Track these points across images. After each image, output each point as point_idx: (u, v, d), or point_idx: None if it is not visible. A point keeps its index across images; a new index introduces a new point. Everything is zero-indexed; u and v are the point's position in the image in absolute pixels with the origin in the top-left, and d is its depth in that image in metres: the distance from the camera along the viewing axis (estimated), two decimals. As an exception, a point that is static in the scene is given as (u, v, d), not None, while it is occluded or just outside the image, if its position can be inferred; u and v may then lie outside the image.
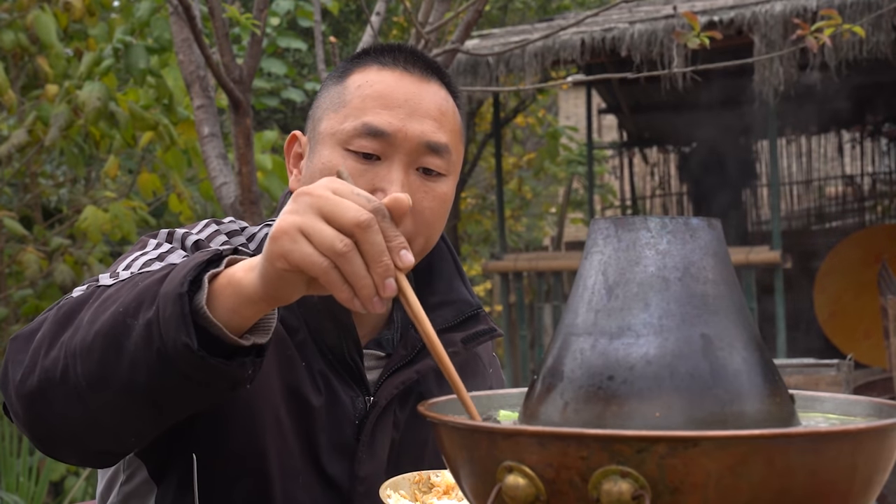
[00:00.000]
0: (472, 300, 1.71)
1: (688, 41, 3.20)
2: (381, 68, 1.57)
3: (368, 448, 1.61)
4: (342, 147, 1.53)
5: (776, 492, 0.91)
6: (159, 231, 1.60)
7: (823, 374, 4.80)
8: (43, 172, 7.27)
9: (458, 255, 1.70)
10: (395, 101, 1.54)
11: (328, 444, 1.59)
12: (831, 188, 12.09)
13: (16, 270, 6.19)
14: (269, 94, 7.95)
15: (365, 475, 1.61)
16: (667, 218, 1.04)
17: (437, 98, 1.57)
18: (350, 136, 1.53)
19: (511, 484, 0.94)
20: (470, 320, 1.70)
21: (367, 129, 1.52)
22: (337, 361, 1.60)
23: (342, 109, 1.56)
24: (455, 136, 1.59)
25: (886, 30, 6.69)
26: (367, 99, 1.54)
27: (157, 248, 1.53)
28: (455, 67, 7.42)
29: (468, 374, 1.73)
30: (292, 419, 1.56)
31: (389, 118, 1.53)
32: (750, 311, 1.08)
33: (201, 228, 1.61)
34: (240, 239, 1.62)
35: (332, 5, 6.55)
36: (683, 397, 0.97)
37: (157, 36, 5.06)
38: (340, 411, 1.60)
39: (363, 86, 1.56)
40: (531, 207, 13.85)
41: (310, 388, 1.57)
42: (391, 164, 1.53)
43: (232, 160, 4.08)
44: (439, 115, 1.56)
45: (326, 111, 1.58)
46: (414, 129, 1.53)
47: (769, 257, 7.55)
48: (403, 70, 1.57)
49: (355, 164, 1.52)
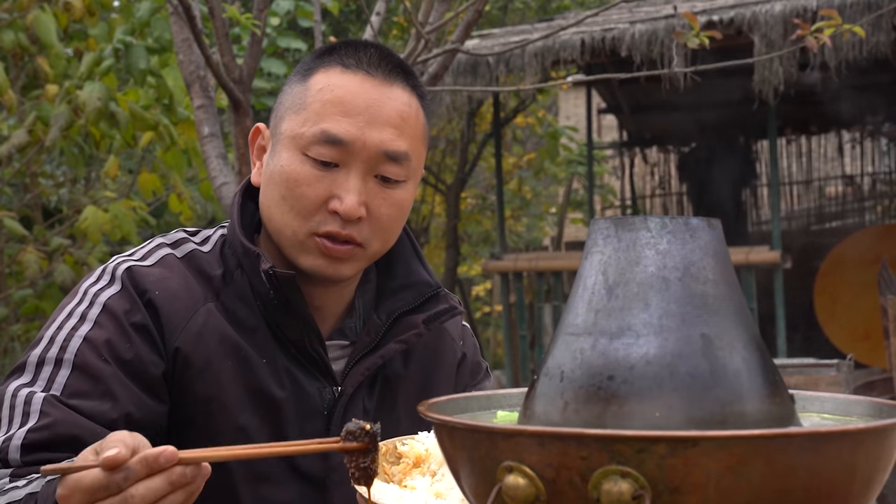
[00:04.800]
0: (432, 280, 1.72)
1: (688, 41, 3.21)
2: (343, 70, 1.56)
3: None
4: (301, 152, 1.54)
5: (776, 492, 0.91)
6: (95, 269, 1.61)
7: (823, 374, 4.80)
8: (43, 172, 7.27)
9: (417, 241, 1.73)
10: (355, 109, 1.53)
11: (298, 438, 1.59)
12: (831, 188, 12.09)
13: (16, 270, 6.19)
14: (269, 94, 7.95)
15: (338, 464, 1.61)
16: (667, 218, 1.04)
17: (397, 104, 1.56)
18: (309, 142, 1.53)
19: (511, 484, 0.94)
20: (430, 301, 1.71)
21: (325, 137, 1.52)
22: (300, 355, 1.61)
23: (302, 112, 1.55)
24: (416, 140, 1.59)
25: (886, 30, 6.69)
26: (327, 104, 1.54)
27: (86, 295, 1.55)
28: (455, 67, 7.43)
29: (433, 352, 1.76)
30: (259, 419, 1.57)
31: (348, 126, 1.52)
32: (750, 311, 1.08)
33: (145, 247, 1.63)
34: (188, 246, 1.63)
35: (332, 5, 6.55)
36: (683, 397, 0.97)
37: (158, 36, 5.06)
38: (308, 403, 1.61)
39: (324, 89, 1.55)
40: (531, 207, 13.85)
41: (273, 383, 1.58)
42: (349, 172, 1.53)
43: (232, 160, 4.08)
44: (400, 122, 1.55)
45: (288, 111, 1.58)
46: (373, 137, 1.53)
47: (769, 257, 7.56)
48: (366, 73, 1.55)
49: (313, 171, 1.53)
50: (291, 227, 1.55)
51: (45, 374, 1.48)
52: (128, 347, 1.51)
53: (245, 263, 1.60)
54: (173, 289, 1.56)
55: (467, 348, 1.84)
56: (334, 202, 1.53)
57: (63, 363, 1.49)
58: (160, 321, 1.53)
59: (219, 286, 1.60)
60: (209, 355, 1.55)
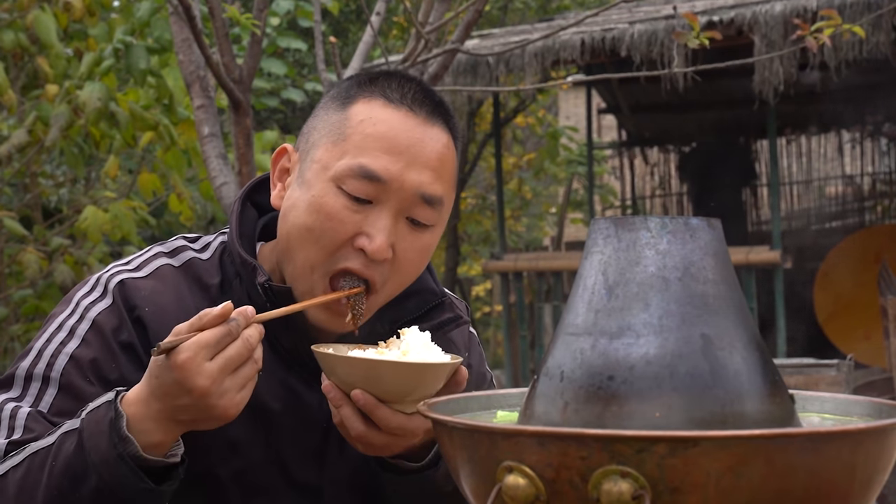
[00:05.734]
0: (437, 289, 1.69)
1: (688, 41, 3.20)
2: (385, 104, 1.51)
3: (339, 449, 1.60)
4: (335, 184, 1.48)
5: (776, 492, 0.91)
6: (89, 278, 1.60)
7: (823, 374, 4.80)
8: (43, 172, 7.27)
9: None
10: (397, 147, 1.48)
11: (295, 452, 1.58)
12: (831, 188, 12.09)
13: (16, 270, 6.19)
14: (269, 94, 7.95)
15: (336, 477, 1.60)
16: (667, 218, 1.04)
17: (438, 145, 1.52)
18: (344, 175, 1.48)
19: (511, 484, 0.94)
20: (435, 310, 1.68)
21: (363, 172, 1.47)
22: (299, 366, 1.59)
23: (341, 143, 1.50)
24: (450, 185, 1.55)
25: (886, 30, 6.69)
26: (369, 138, 1.49)
27: (77, 306, 1.55)
28: (455, 67, 7.43)
29: None
30: (252, 433, 1.56)
31: (388, 164, 1.48)
32: (750, 311, 1.08)
33: (141, 255, 1.62)
34: (187, 254, 1.61)
35: (332, 5, 6.55)
36: (683, 397, 0.97)
37: (158, 36, 5.05)
38: (306, 416, 1.59)
39: (366, 122, 1.50)
40: (531, 207, 13.85)
41: (268, 396, 1.56)
42: (382, 210, 1.49)
43: (232, 160, 4.08)
44: (438, 165, 1.51)
45: (324, 137, 1.53)
46: (411, 178, 1.48)
47: (769, 257, 7.56)
48: (409, 110, 1.51)
49: (346, 205, 1.48)
50: (311, 260, 1.50)
51: (32, 391, 1.50)
52: (113, 367, 1.51)
53: (242, 274, 1.58)
54: (164, 304, 1.54)
55: (473, 358, 1.80)
56: (362, 240, 1.49)
57: (50, 381, 1.50)
58: (147, 339, 1.52)
59: (216, 295, 1.58)
60: None
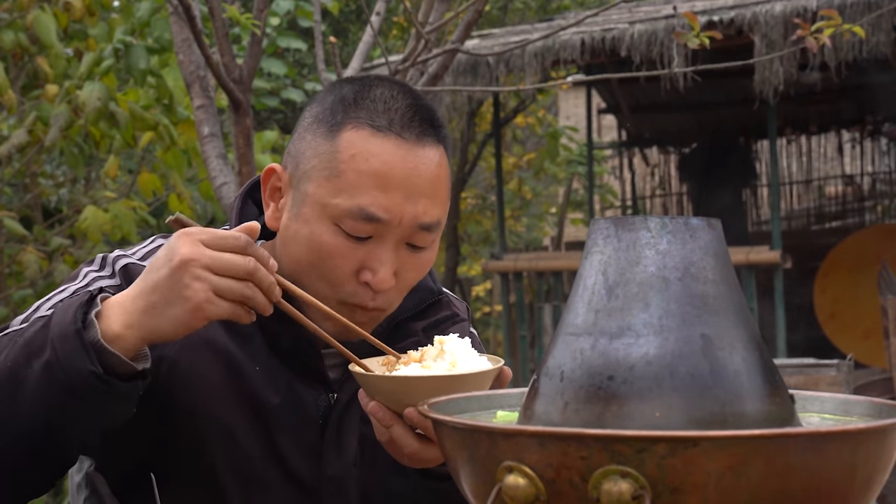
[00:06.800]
0: (434, 286, 1.70)
1: (688, 41, 3.20)
2: (373, 133, 1.49)
3: (335, 446, 1.60)
4: (332, 222, 1.49)
5: (776, 492, 0.91)
6: (96, 257, 1.62)
7: (823, 374, 4.80)
8: (43, 172, 7.27)
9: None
10: (392, 182, 1.48)
11: (292, 446, 1.58)
12: (831, 188, 12.09)
13: (16, 270, 6.18)
14: (269, 94, 7.95)
15: (333, 474, 1.60)
16: (667, 218, 1.04)
17: (431, 167, 1.52)
18: (343, 216, 1.48)
19: (511, 484, 0.94)
20: (432, 307, 1.70)
21: (362, 215, 1.48)
22: (296, 363, 1.59)
23: (335, 180, 1.49)
24: (444, 200, 1.56)
25: (886, 30, 6.70)
26: (363, 176, 1.48)
27: (85, 277, 1.57)
28: (455, 67, 7.43)
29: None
30: (250, 425, 1.56)
31: (386, 202, 1.48)
32: (750, 311, 1.08)
33: (145, 246, 1.62)
34: None
35: (332, 5, 6.55)
36: (683, 397, 0.97)
37: (157, 36, 5.05)
38: (303, 411, 1.59)
39: (357, 157, 1.49)
40: (531, 207, 13.85)
41: (267, 389, 1.57)
42: (382, 244, 1.50)
43: (232, 160, 4.08)
44: (432, 191, 1.52)
45: (315, 169, 1.52)
46: (408, 212, 1.49)
47: (769, 257, 7.56)
48: (398, 137, 1.50)
49: (346, 243, 1.49)
50: (319, 293, 1.52)
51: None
52: None
53: None
54: None
55: None
56: (366, 274, 1.50)
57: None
58: None
59: None
60: (198, 361, 1.54)
